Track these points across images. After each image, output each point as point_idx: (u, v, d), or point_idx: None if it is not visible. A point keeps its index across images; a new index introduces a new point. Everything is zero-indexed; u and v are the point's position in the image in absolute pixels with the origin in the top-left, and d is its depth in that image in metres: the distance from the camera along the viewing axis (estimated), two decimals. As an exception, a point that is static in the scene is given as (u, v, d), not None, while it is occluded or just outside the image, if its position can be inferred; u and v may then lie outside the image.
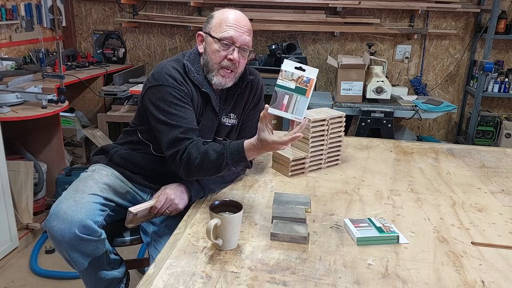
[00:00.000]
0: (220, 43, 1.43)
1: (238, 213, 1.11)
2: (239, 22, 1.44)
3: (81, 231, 1.34)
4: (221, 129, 1.56)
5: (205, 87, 1.49)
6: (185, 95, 1.43)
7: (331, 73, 3.93)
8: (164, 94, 1.40)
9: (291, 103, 1.22)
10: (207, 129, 1.52)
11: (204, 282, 0.98)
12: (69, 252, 1.38)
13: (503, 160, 1.93)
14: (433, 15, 3.74)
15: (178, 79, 1.43)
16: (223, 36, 1.43)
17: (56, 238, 1.35)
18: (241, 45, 1.44)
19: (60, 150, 2.90)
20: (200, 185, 1.43)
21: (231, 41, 1.43)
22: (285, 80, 1.22)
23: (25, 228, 2.55)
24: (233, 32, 1.43)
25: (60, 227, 1.33)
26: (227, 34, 1.42)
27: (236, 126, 1.60)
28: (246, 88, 1.59)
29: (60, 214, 1.35)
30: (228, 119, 1.57)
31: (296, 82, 1.22)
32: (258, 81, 1.64)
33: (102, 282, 1.51)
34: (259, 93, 1.64)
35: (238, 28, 1.44)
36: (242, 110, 1.61)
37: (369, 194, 1.50)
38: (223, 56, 1.45)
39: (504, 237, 1.25)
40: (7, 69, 3.00)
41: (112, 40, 3.99)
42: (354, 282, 1.00)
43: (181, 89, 1.42)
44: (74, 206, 1.36)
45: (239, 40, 1.44)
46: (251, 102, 1.62)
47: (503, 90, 3.63)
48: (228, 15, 1.46)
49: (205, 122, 1.51)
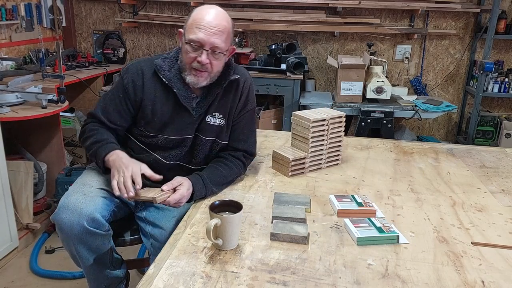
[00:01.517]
0: (189, 45, 1.42)
1: (238, 213, 1.11)
2: (209, 23, 1.40)
3: (90, 224, 1.34)
4: (207, 129, 1.55)
5: (174, 85, 1.48)
6: (123, 90, 1.51)
7: (331, 73, 3.93)
8: (116, 82, 1.57)
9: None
10: (181, 126, 1.52)
11: (204, 282, 0.98)
12: (76, 245, 1.39)
13: (503, 160, 1.93)
14: (433, 15, 3.74)
15: (132, 75, 1.51)
16: (191, 38, 1.41)
17: (65, 230, 1.36)
18: (210, 47, 1.41)
19: (60, 150, 2.90)
20: (204, 186, 1.45)
21: (199, 44, 1.41)
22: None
23: (25, 228, 2.55)
24: (202, 35, 1.40)
25: (70, 219, 1.34)
26: (195, 37, 1.40)
27: (225, 126, 1.58)
28: (230, 87, 1.56)
29: (69, 206, 1.35)
30: (214, 119, 1.55)
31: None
32: (246, 81, 1.60)
33: (105, 280, 1.52)
34: (246, 93, 1.60)
35: (207, 29, 1.40)
36: (230, 110, 1.58)
37: (369, 194, 1.50)
38: (192, 58, 1.43)
39: (504, 237, 1.25)
40: (7, 69, 3.00)
41: (112, 40, 3.99)
42: (354, 282, 1.00)
43: (124, 83, 1.50)
44: (83, 199, 1.38)
45: (208, 43, 1.40)
46: (239, 102, 1.59)
47: (503, 90, 3.63)
48: (201, 15, 1.42)
49: (177, 120, 1.52)
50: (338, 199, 1.38)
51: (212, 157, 1.61)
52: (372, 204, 1.36)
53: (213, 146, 1.58)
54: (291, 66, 3.38)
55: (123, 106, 1.52)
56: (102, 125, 1.52)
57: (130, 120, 1.55)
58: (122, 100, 1.52)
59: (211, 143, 1.57)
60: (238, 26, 3.67)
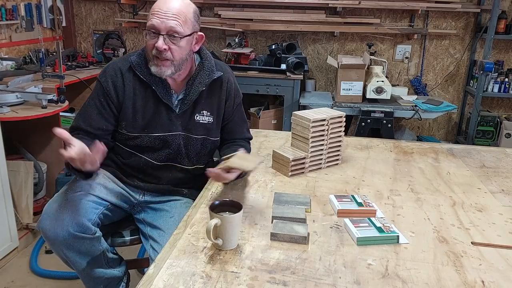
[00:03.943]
0: (148, 32, 1.42)
1: (238, 213, 1.11)
2: (161, 8, 1.40)
3: (75, 229, 1.33)
4: (196, 127, 1.55)
5: (152, 81, 1.48)
6: (104, 93, 1.47)
7: (331, 73, 3.93)
8: (93, 89, 1.52)
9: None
10: (165, 123, 1.51)
11: (204, 282, 0.98)
12: (65, 251, 1.38)
13: (503, 160, 1.93)
14: (433, 15, 3.74)
15: (110, 77, 1.48)
16: (148, 25, 1.41)
17: (49, 238, 1.35)
18: (167, 31, 1.40)
19: (60, 150, 2.89)
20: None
21: (155, 30, 1.40)
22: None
23: (25, 228, 2.55)
24: (156, 20, 1.39)
25: (53, 225, 1.33)
26: (150, 23, 1.40)
27: (214, 123, 1.59)
28: (215, 85, 1.56)
29: (51, 214, 1.34)
30: (202, 117, 1.56)
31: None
32: (229, 77, 1.61)
33: (101, 282, 1.51)
34: (231, 88, 1.62)
35: (161, 14, 1.39)
36: (218, 108, 1.59)
37: (369, 194, 1.50)
38: (151, 45, 1.42)
39: (504, 237, 1.25)
40: (7, 69, 2.99)
41: (112, 40, 3.99)
42: (354, 282, 1.00)
43: (104, 86, 1.47)
44: (65, 205, 1.36)
45: (163, 27, 1.39)
46: (226, 100, 1.60)
47: (503, 90, 3.63)
48: (157, 2, 1.42)
49: (159, 117, 1.51)
50: (338, 199, 1.38)
51: (205, 155, 1.62)
52: (372, 204, 1.36)
53: (204, 143, 1.59)
54: (291, 66, 3.38)
55: (105, 109, 1.49)
56: (87, 135, 1.46)
57: (115, 122, 1.52)
58: (104, 103, 1.49)
59: (201, 141, 1.58)
60: (238, 26, 3.67)
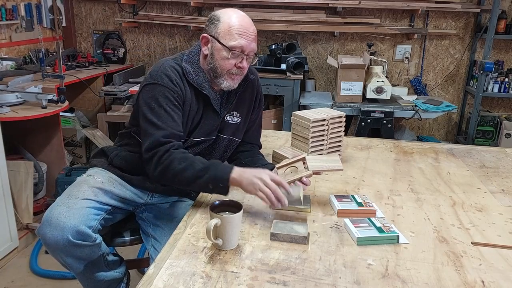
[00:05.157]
0: (230, 51, 1.41)
1: (238, 213, 1.11)
2: (247, 29, 1.42)
3: (75, 236, 1.32)
4: (225, 128, 1.56)
5: (204, 89, 1.48)
6: (178, 97, 1.42)
7: (331, 73, 3.93)
8: (157, 94, 1.39)
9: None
10: (209, 128, 1.52)
11: (204, 282, 0.98)
12: (64, 258, 1.37)
13: (503, 160, 1.93)
14: (433, 15, 3.74)
15: (174, 79, 1.42)
16: (233, 45, 1.40)
17: (49, 244, 1.34)
18: (249, 52, 1.44)
19: (60, 150, 2.90)
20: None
21: (241, 50, 1.42)
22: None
23: (25, 228, 2.55)
24: (244, 42, 1.41)
25: (53, 233, 1.32)
26: (238, 44, 1.40)
27: (241, 124, 1.60)
28: (248, 87, 1.59)
29: (52, 220, 1.33)
30: (232, 117, 1.57)
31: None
32: (258, 80, 1.66)
33: (101, 284, 1.49)
34: (260, 91, 1.67)
35: (247, 36, 1.42)
36: (248, 109, 1.62)
37: (369, 194, 1.50)
38: (232, 64, 1.43)
39: (504, 237, 1.25)
40: (7, 69, 3.00)
41: (112, 40, 3.99)
42: (354, 282, 1.00)
43: (175, 90, 1.41)
44: (66, 212, 1.34)
45: (248, 49, 1.43)
46: (255, 100, 1.64)
47: (503, 90, 3.63)
48: (236, 20, 1.42)
49: (206, 122, 1.51)
50: (338, 199, 1.38)
51: (226, 155, 1.63)
52: (372, 204, 1.36)
53: (229, 144, 1.60)
54: (291, 66, 3.38)
55: (180, 110, 1.44)
56: (182, 142, 1.42)
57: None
58: (178, 106, 1.43)
59: (228, 141, 1.59)
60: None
